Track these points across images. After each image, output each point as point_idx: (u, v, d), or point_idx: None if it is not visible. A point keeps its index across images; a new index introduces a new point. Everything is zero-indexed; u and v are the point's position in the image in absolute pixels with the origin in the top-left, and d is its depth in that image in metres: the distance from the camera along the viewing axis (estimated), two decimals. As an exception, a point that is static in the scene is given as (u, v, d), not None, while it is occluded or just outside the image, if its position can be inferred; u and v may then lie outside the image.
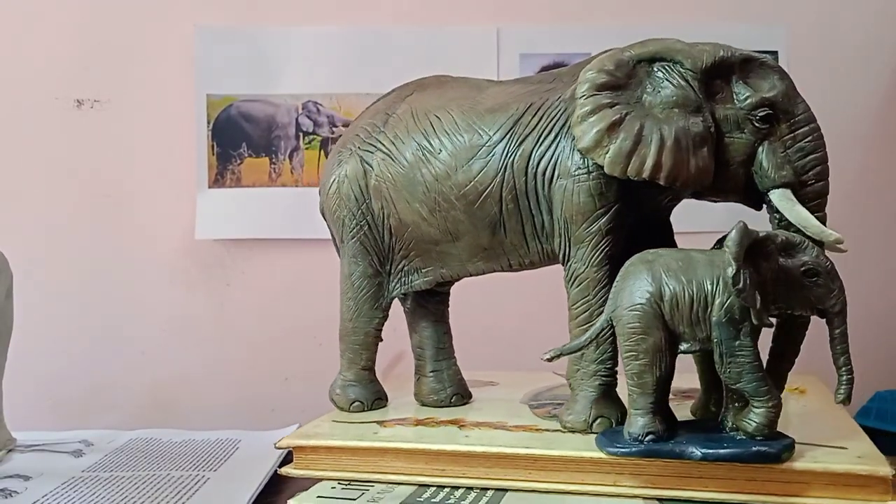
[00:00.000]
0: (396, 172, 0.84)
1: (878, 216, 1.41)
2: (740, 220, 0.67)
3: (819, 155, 0.75)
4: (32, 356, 1.26)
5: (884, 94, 1.40)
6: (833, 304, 0.68)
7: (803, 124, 0.74)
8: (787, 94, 0.74)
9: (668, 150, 0.71)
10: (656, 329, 0.67)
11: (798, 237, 0.69)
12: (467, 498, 0.70)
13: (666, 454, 0.66)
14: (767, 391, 0.66)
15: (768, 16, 1.38)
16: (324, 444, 0.79)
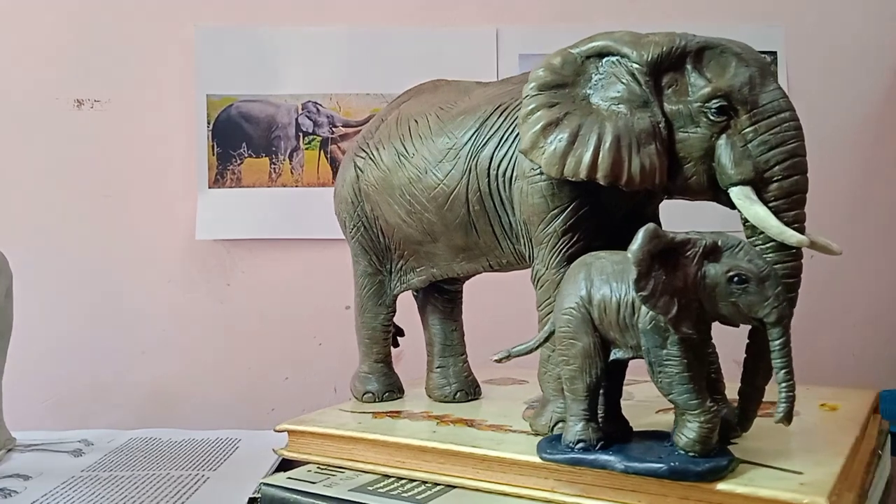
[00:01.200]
0: (378, 177, 0.87)
1: (877, 216, 1.41)
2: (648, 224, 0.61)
3: (788, 148, 0.66)
4: (32, 356, 1.26)
5: (883, 94, 1.40)
6: (768, 314, 0.60)
7: (767, 115, 0.67)
8: (749, 82, 0.67)
9: (605, 149, 0.68)
10: (585, 334, 0.65)
11: (732, 240, 0.62)
12: (413, 491, 0.71)
13: (589, 463, 0.64)
14: (698, 405, 0.61)
15: (767, 16, 1.38)
16: (310, 429, 0.82)
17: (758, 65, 0.68)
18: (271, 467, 0.91)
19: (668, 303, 0.60)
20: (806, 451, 0.66)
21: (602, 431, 0.66)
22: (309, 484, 0.73)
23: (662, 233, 0.61)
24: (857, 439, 0.68)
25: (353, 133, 1.34)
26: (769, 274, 0.61)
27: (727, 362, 1.47)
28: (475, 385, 0.93)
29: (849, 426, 0.72)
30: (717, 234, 0.63)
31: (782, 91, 0.68)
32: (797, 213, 0.67)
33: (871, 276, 1.41)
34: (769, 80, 0.68)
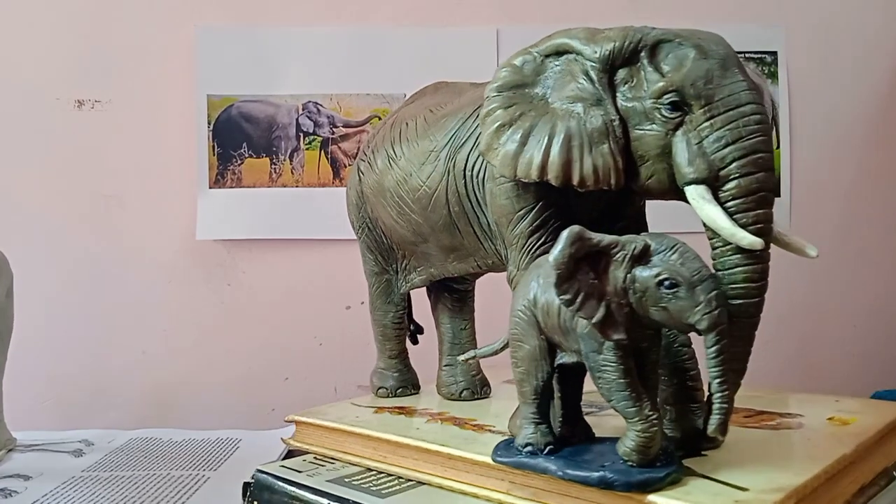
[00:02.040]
0: (374, 180, 0.88)
1: (877, 216, 1.41)
2: (574, 225, 0.60)
3: (746, 144, 0.62)
4: (32, 356, 1.26)
5: (883, 94, 1.40)
6: (699, 320, 0.57)
7: (724, 109, 0.62)
8: (705, 75, 0.63)
9: (555, 149, 0.67)
10: (532, 337, 0.64)
11: (668, 242, 0.59)
12: (384, 484, 0.73)
13: (532, 467, 0.63)
14: (636, 413, 0.59)
15: (767, 16, 1.39)
16: (311, 421, 0.85)
17: (718, 56, 0.65)
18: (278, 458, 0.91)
19: (594, 307, 0.58)
20: (772, 466, 0.61)
21: (553, 436, 0.65)
22: (295, 473, 0.75)
23: (588, 235, 0.59)
24: (843, 457, 0.62)
25: (353, 133, 1.34)
26: (701, 278, 0.57)
27: (727, 362, 1.47)
28: (483, 384, 0.93)
29: (844, 442, 0.66)
30: (654, 236, 0.60)
31: (746, 83, 0.63)
32: (758, 213, 0.62)
33: (871, 276, 1.41)
34: (731, 72, 0.64)
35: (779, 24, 1.38)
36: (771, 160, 0.63)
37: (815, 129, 1.39)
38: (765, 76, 1.38)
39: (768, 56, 1.38)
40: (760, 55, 1.38)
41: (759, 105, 0.63)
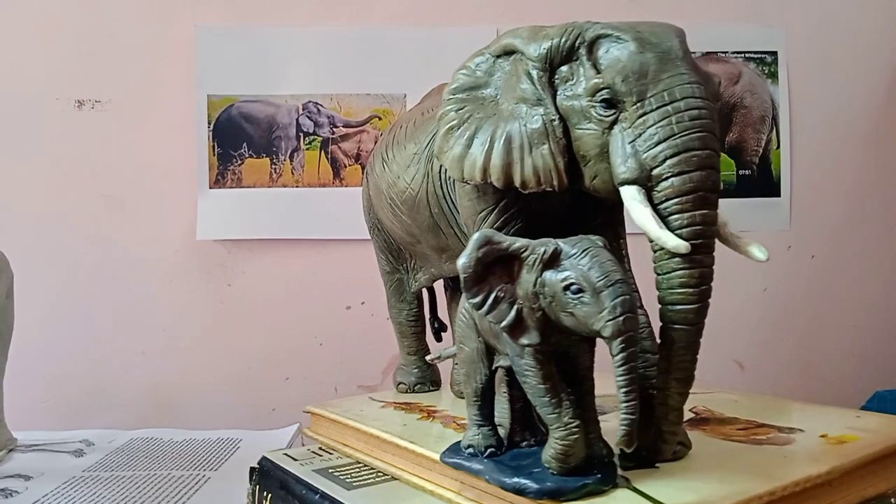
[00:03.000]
0: (373, 182, 0.90)
1: (877, 216, 1.41)
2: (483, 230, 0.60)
3: (679, 141, 0.58)
4: (32, 356, 1.26)
5: (883, 94, 1.40)
6: (602, 327, 0.54)
7: (657, 105, 0.59)
8: (640, 70, 0.60)
9: (495, 151, 0.66)
10: (471, 339, 0.64)
11: (581, 245, 0.57)
12: (359, 477, 0.75)
13: (467, 469, 0.63)
14: (555, 420, 0.57)
15: (767, 16, 1.39)
16: (322, 412, 0.88)
17: (657, 50, 0.61)
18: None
19: (504, 311, 0.58)
20: (719, 482, 0.57)
21: (497, 438, 0.64)
22: (291, 461, 0.79)
23: (497, 240, 0.58)
24: (807, 478, 0.58)
25: (353, 133, 1.34)
26: (607, 283, 0.55)
27: (728, 362, 1.49)
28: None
29: (821, 462, 0.60)
30: (572, 240, 0.58)
31: (686, 77, 0.60)
32: (693, 214, 0.59)
33: (870, 277, 1.41)
34: (669, 65, 0.60)
35: (779, 24, 1.38)
36: (710, 158, 0.59)
37: (815, 129, 1.39)
38: (765, 76, 1.38)
39: (768, 56, 1.38)
40: (760, 55, 1.38)
41: (698, 99, 0.59)
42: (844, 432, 0.67)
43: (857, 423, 0.70)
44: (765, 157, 1.38)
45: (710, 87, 0.61)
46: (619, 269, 0.56)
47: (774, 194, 1.39)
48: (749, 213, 1.38)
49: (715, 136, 0.59)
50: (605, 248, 0.57)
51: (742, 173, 1.38)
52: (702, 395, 0.83)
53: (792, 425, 0.69)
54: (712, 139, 0.59)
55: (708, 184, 0.59)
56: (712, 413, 0.76)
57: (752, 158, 1.38)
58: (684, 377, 0.61)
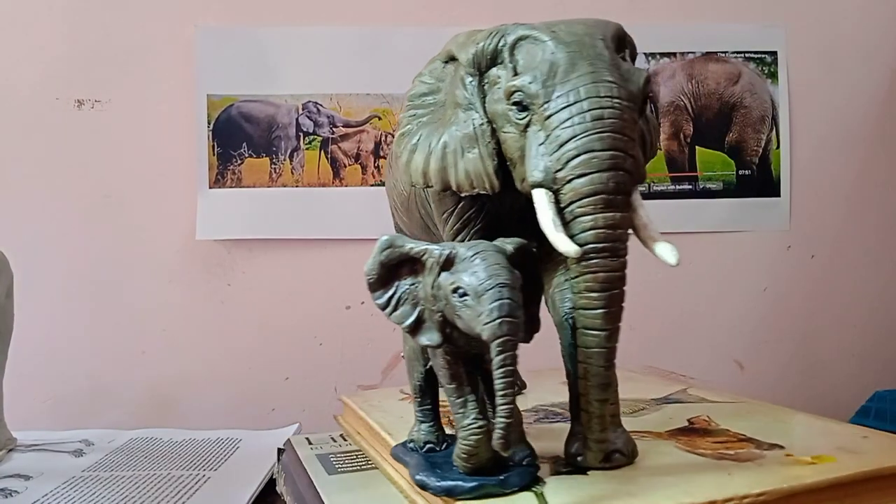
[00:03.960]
0: (387, 186, 0.90)
1: (877, 216, 1.41)
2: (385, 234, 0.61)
3: (581, 143, 0.57)
4: (32, 356, 1.26)
5: (884, 94, 1.40)
6: (481, 330, 0.55)
7: (563, 105, 0.58)
8: (549, 70, 0.59)
9: (433, 157, 0.67)
10: (408, 339, 0.65)
11: (474, 249, 0.58)
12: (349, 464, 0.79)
13: (401, 461, 0.66)
14: (461, 419, 0.59)
15: (767, 16, 1.39)
16: (346, 401, 0.92)
17: (569, 50, 0.60)
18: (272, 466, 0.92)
19: (407, 312, 0.59)
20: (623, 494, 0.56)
21: (437, 435, 0.66)
22: (305, 445, 0.86)
23: (398, 243, 0.60)
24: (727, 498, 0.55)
25: (353, 133, 1.34)
26: (488, 287, 0.55)
27: (728, 362, 1.48)
28: None
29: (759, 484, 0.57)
30: (469, 244, 0.59)
31: (593, 76, 0.58)
32: (595, 217, 0.57)
33: (870, 276, 1.41)
34: (581, 65, 0.59)
35: (779, 24, 1.38)
36: (613, 159, 0.57)
37: (815, 129, 1.39)
38: (765, 76, 1.38)
39: (768, 56, 1.38)
40: (760, 55, 1.38)
41: (603, 98, 0.58)
42: (830, 452, 0.63)
43: (849, 444, 0.65)
44: (765, 157, 1.38)
45: (630, 86, 0.60)
46: (505, 273, 0.56)
47: (774, 194, 1.39)
48: (749, 213, 1.38)
49: (625, 136, 0.58)
50: (500, 253, 0.58)
51: (742, 173, 1.38)
52: (718, 403, 0.82)
53: (777, 441, 0.66)
54: (620, 140, 0.57)
55: (610, 186, 0.57)
56: (708, 423, 0.74)
57: (752, 158, 1.38)
58: (599, 384, 0.60)
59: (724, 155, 1.38)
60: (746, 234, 1.39)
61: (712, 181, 1.38)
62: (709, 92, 1.38)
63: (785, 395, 1.36)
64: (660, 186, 1.37)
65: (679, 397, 0.86)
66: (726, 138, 1.38)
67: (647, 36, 1.37)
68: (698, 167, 1.38)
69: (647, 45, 1.36)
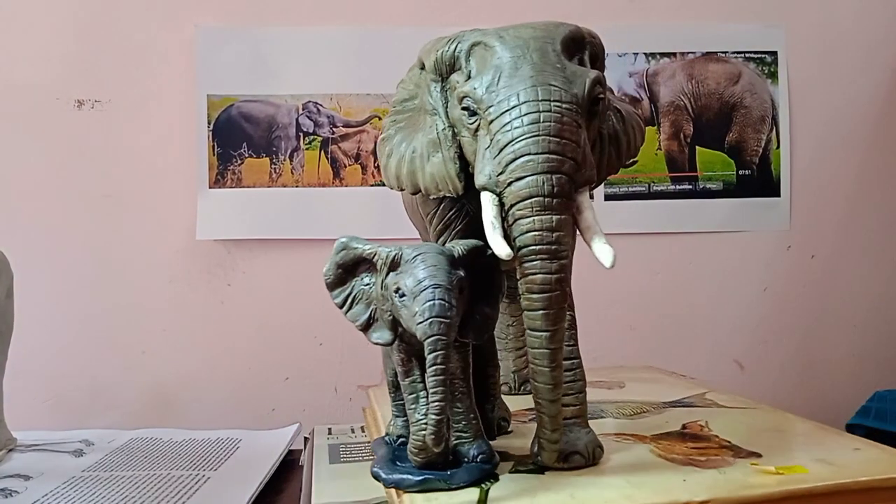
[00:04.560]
0: None
1: (877, 216, 1.41)
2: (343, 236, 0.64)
3: (516, 147, 0.58)
4: (32, 356, 1.26)
5: (884, 94, 1.40)
6: (415, 329, 0.57)
7: (504, 110, 0.59)
8: (494, 75, 0.60)
9: (404, 161, 0.68)
10: None
11: (417, 251, 0.60)
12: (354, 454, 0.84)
13: (375, 453, 0.69)
14: (412, 414, 0.61)
15: (767, 16, 1.39)
16: (370, 394, 0.94)
17: (512, 55, 0.61)
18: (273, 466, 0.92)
19: (359, 312, 0.63)
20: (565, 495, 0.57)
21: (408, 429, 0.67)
22: (324, 434, 0.91)
23: (353, 245, 0.63)
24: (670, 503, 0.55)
25: (353, 133, 1.34)
26: (421, 288, 0.57)
27: (728, 362, 1.48)
28: (524, 380, 0.91)
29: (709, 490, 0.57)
30: (416, 246, 0.61)
31: (533, 80, 0.59)
32: (532, 219, 0.58)
33: (870, 276, 1.41)
34: (524, 69, 0.60)
35: (779, 24, 1.38)
36: (548, 162, 0.58)
37: (815, 129, 1.39)
38: (765, 76, 1.38)
39: (768, 56, 1.38)
40: (760, 55, 1.38)
41: (541, 102, 0.58)
42: (808, 463, 0.62)
43: (832, 456, 0.63)
44: (765, 157, 1.38)
45: (574, 89, 0.60)
46: (441, 275, 0.58)
47: (774, 194, 1.39)
48: (749, 213, 1.38)
49: (563, 139, 0.58)
50: (441, 255, 0.60)
51: (742, 173, 1.38)
52: (728, 409, 0.82)
53: (758, 450, 0.66)
54: (557, 143, 0.58)
55: (546, 189, 0.58)
56: (701, 429, 0.74)
57: (752, 158, 1.38)
58: (545, 384, 0.60)
59: (724, 155, 1.38)
60: (746, 234, 1.39)
61: (712, 181, 1.38)
62: (709, 92, 1.38)
63: (785, 395, 1.37)
64: (660, 186, 1.37)
65: (692, 401, 0.86)
66: (726, 138, 1.38)
67: (647, 36, 1.37)
68: (698, 167, 1.37)
69: (647, 45, 1.36)
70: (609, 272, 0.63)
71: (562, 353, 0.60)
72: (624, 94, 1.37)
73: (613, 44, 1.36)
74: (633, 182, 1.36)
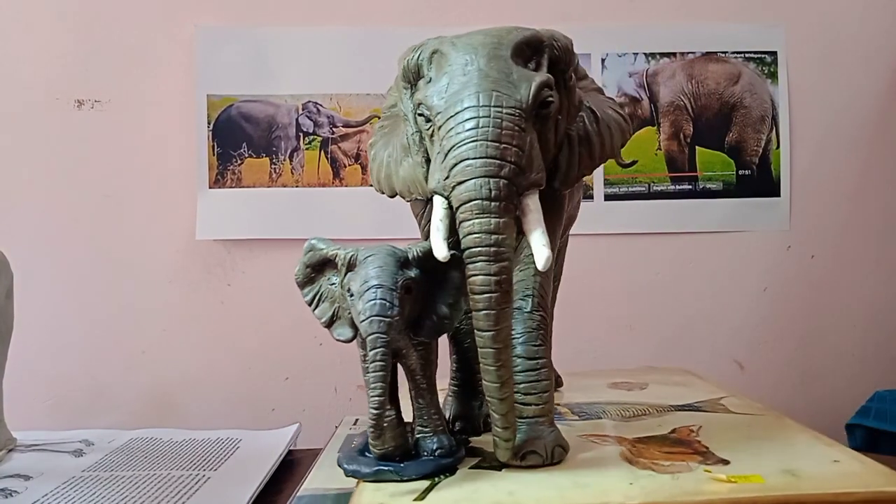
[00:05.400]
0: None
1: (877, 216, 1.41)
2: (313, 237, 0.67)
3: (457, 153, 0.60)
4: (32, 356, 1.26)
5: (883, 94, 1.40)
6: (360, 326, 0.61)
7: (449, 116, 0.61)
8: (444, 82, 0.62)
9: (382, 166, 0.71)
10: None
11: (371, 252, 0.63)
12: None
13: None
14: (371, 407, 0.62)
15: (767, 16, 1.39)
16: None
17: (461, 62, 0.62)
18: (272, 466, 0.92)
19: (324, 309, 0.66)
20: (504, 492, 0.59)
21: None
22: (349, 424, 0.93)
23: (319, 246, 0.66)
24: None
25: (353, 133, 1.34)
26: (365, 289, 0.60)
27: (728, 362, 1.48)
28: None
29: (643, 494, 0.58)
30: (371, 247, 0.63)
31: (476, 86, 0.60)
32: (472, 223, 0.59)
33: (870, 277, 1.41)
34: (469, 75, 0.61)
35: (779, 24, 1.38)
36: (486, 166, 0.59)
37: (815, 129, 1.39)
38: (765, 76, 1.38)
39: (768, 56, 1.38)
40: (760, 55, 1.38)
41: (479, 108, 0.60)
42: (773, 473, 0.61)
43: (803, 467, 0.62)
44: (764, 157, 1.38)
45: (517, 94, 0.61)
46: (384, 276, 0.60)
47: (774, 194, 1.39)
48: (749, 213, 1.38)
49: (503, 143, 0.59)
50: (391, 256, 0.62)
51: (742, 173, 1.38)
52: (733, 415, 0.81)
53: (728, 457, 0.65)
54: (496, 147, 0.59)
55: (483, 192, 0.59)
56: (689, 434, 0.74)
57: (752, 158, 1.38)
58: (491, 382, 0.61)
59: (724, 155, 1.38)
60: (746, 234, 1.39)
61: (712, 181, 1.38)
62: (709, 92, 1.38)
63: (785, 395, 1.37)
64: (660, 186, 1.37)
65: (702, 405, 0.85)
66: (726, 138, 1.38)
67: (647, 36, 1.37)
68: (698, 167, 1.38)
69: (647, 45, 1.36)
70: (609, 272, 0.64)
71: (506, 352, 0.61)
72: (624, 94, 1.37)
73: (613, 44, 1.36)
74: (633, 182, 1.36)
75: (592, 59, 1.35)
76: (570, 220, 0.85)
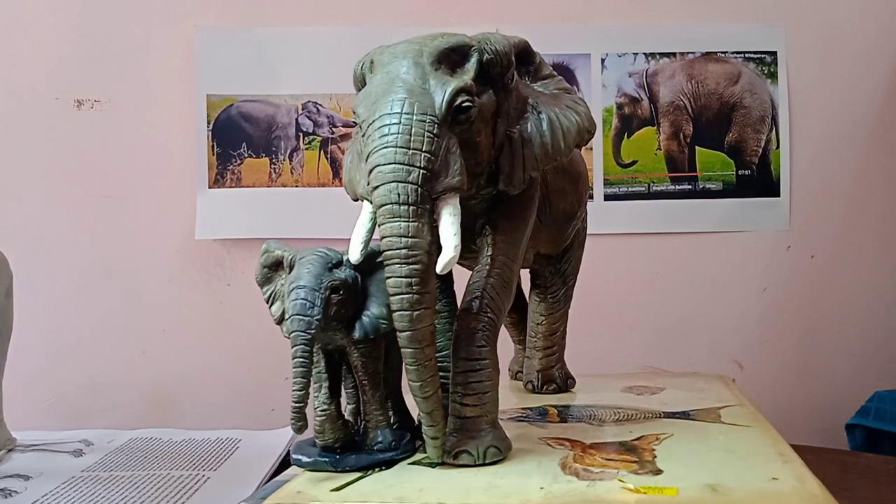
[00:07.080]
0: None
1: (877, 216, 1.41)
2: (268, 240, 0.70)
3: (372, 159, 0.62)
4: (32, 356, 1.26)
5: (884, 93, 1.40)
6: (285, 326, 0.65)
7: (368, 123, 0.63)
8: (370, 91, 0.64)
9: (346, 171, 0.73)
10: None
11: (306, 253, 0.66)
12: None
13: None
14: (314, 400, 0.67)
15: (767, 16, 1.38)
16: None
17: (383, 70, 0.64)
18: (272, 466, 0.92)
19: (277, 308, 0.69)
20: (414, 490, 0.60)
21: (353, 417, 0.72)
22: None
23: (272, 248, 0.69)
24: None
25: (353, 133, 1.34)
26: (291, 289, 0.63)
27: (728, 362, 1.48)
28: (547, 380, 0.92)
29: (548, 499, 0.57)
30: (308, 249, 0.66)
31: (390, 94, 0.62)
32: (385, 226, 0.61)
33: (870, 276, 1.41)
34: (388, 83, 0.63)
35: (779, 24, 1.38)
36: (394, 172, 0.60)
37: (814, 129, 1.39)
38: (764, 76, 1.38)
39: (768, 56, 1.38)
40: (760, 55, 1.38)
41: (390, 115, 0.61)
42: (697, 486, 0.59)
43: (735, 483, 0.60)
44: (764, 157, 1.38)
45: (428, 100, 0.62)
46: (307, 277, 0.63)
47: (774, 194, 1.39)
48: (749, 213, 1.38)
49: (412, 149, 0.61)
50: (320, 258, 0.64)
51: (742, 173, 1.38)
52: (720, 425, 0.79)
53: (663, 467, 0.64)
54: (405, 153, 0.61)
55: (393, 197, 0.61)
56: (656, 439, 0.72)
57: (752, 158, 1.38)
58: (412, 381, 0.62)
59: (724, 155, 1.38)
60: (746, 234, 1.39)
61: (712, 181, 1.38)
62: (709, 92, 1.38)
63: (785, 395, 1.37)
64: (660, 186, 1.37)
65: (694, 414, 0.82)
66: (726, 138, 1.38)
67: (647, 36, 1.37)
68: (698, 167, 1.37)
69: (647, 45, 1.36)
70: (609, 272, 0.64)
71: (426, 351, 0.62)
72: (624, 94, 1.37)
73: (613, 44, 1.36)
74: (632, 182, 1.36)
75: (592, 59, 1.35)
76: (568, 216, 0.85)
